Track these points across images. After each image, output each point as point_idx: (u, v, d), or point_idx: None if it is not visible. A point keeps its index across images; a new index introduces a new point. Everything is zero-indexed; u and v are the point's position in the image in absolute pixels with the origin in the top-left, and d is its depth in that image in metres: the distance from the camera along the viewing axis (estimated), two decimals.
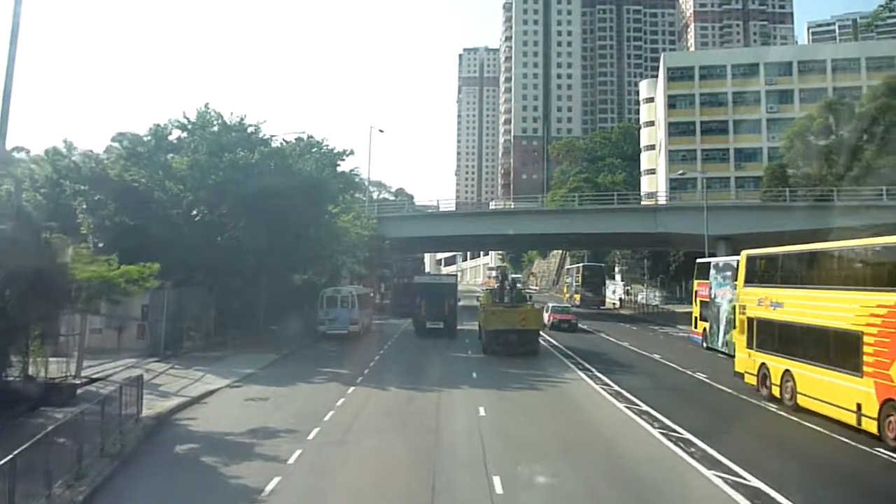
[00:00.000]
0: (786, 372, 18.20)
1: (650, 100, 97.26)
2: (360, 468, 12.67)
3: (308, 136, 36.13)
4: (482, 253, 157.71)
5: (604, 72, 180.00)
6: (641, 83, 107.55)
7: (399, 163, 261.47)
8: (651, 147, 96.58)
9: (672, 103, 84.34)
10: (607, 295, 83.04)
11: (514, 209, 65.51)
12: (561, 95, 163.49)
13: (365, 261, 52.41)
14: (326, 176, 32.94)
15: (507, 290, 32.56)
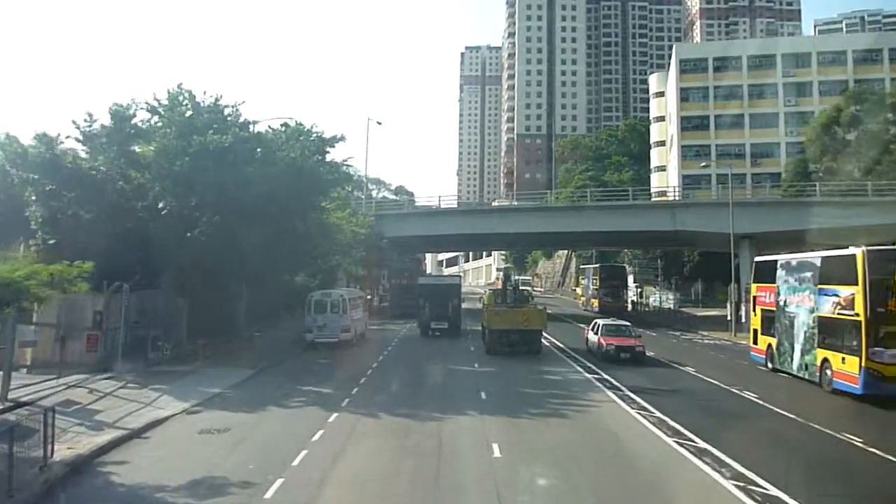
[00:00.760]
0: None
1: (660, 94, 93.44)
2: None
3: (297, 123, 32.28)
4: (485, 254, 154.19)
5: (608, 69, 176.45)
6: (651, 76, 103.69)
7: (400, 162, 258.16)
8: (661, 143, 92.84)
9: (685, 96, 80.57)
10: None
11: (520, 206, 61.44)
12: (565, 93, 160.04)
13: (360, 261, 48.68)
14: (314, 164, 29.08)
15: (511, 291, 32.78)
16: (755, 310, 27.72)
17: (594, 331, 29.86)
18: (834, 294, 21.01)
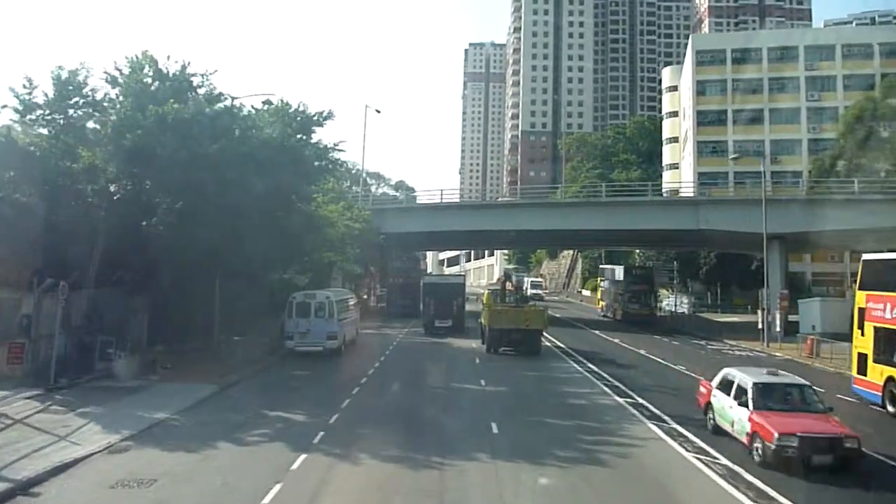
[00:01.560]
0: None
1: (673, 88, 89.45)
2: None
3: (282, 102, 28.12)
4: (487, 253, 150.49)
5: (615, 66, 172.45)
6: (664, 70, 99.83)
7: (402, 161, 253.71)
8: (674, 139, 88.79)
9: (701, 90, 76.41)
10: None
11: (526, 202, 57.02)
12: (571, 89, 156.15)
13: (355, 258, 44.70)
14: (296, 144, 24.95)
15: (512, 292, 33.40)
16: (863, 327, 20.70)
17: (736, 396, 14.65)
18: None
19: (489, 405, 18.12)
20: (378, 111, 55.74)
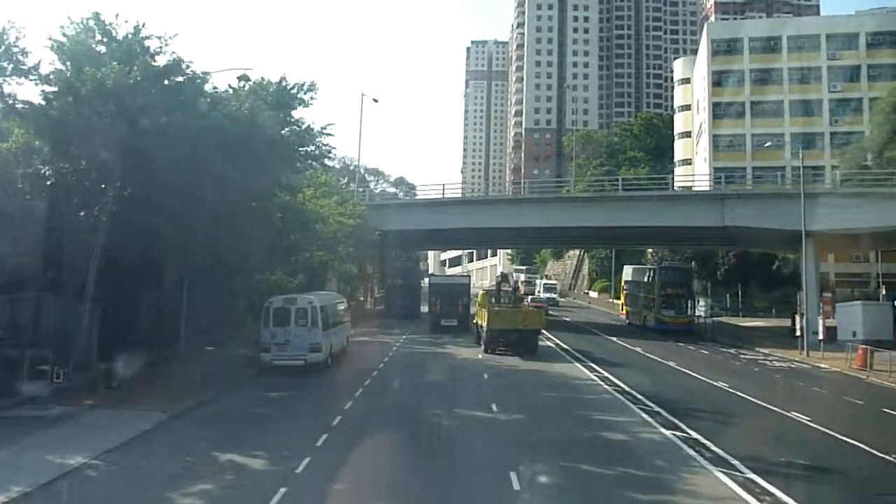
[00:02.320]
0: None
1: (686, 80, 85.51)
2: None
3: (262, 80, 24.22)
4: (490, 254, 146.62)
5: (620, 63, 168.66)
6: (676, 62, 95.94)
7: (402, 160, 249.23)
8: (686, 134, 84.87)
9: (717, 81, 72.36)
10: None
11: (535, 196, 52.89)
12: (577, 86, 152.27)
13: (349, 257, 40.85)
14: (270, 120, 20.99)
15: (507, 292, 33.47)
16: None
17: None
18: None
19: (505, 444, 14.16)
20: (375, 100, 51.25)
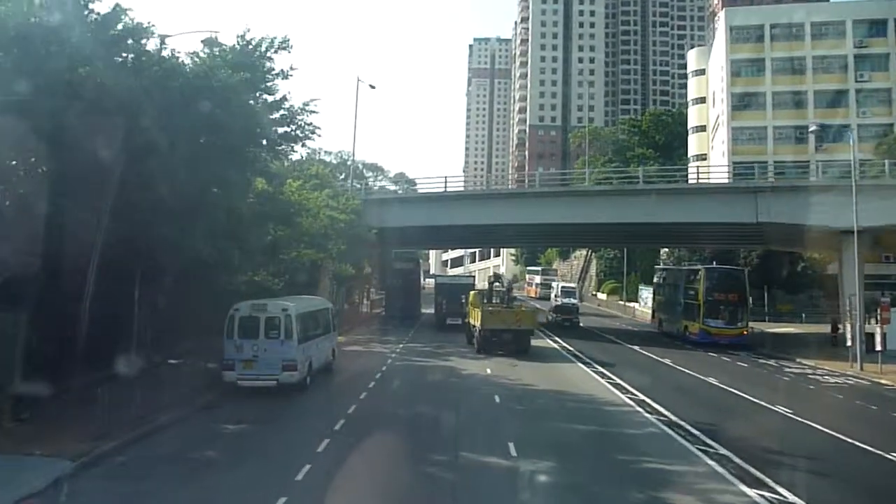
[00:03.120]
0: None
1: (700, 72, 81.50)
2: None
3: (240, 44, 20.05)
4: (492, 254, 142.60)
5: (626, 59, 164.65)
6: (690, 52, 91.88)
7: (403, 159, 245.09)
8: (701, 128, 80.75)
9: (736, 70, 68.26)
10: (650, 305, 66.36)
11: (546, 190, 48.49)
12: (582, 81, 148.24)
13: (340, 255, 36.75)
14: (231, 81, 16.75)
15: (502, 293, 33.37)
16: None
17: None
18: None
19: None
20: (372, 86, 46.97)
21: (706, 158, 77.78)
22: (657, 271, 53.00)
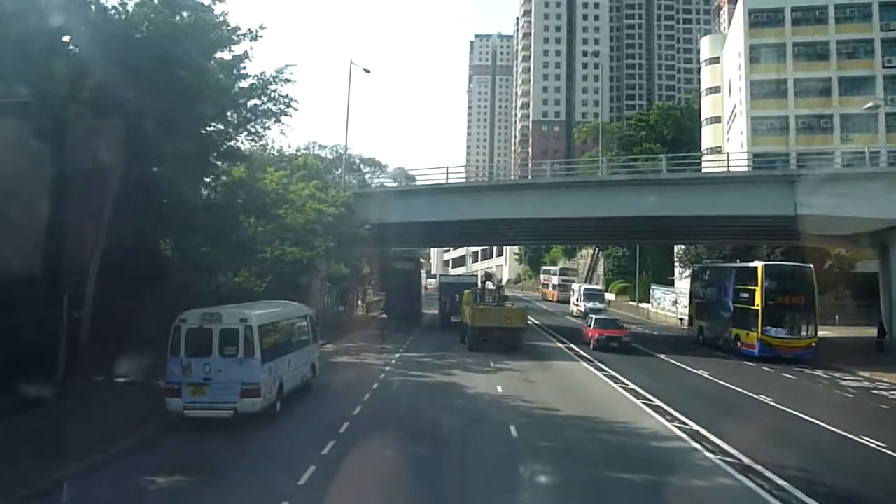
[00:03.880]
0: None
1: (714, 60, 77.49)
2: None
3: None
4: (495, 253, 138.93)
5: (631, 54, 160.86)
6: (703, 40, 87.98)
7: (404, 157, 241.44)
8: (715, 119, 76.77)
9: (755, 56, 64.21)
10: (664, 306, 62.42)
11: (558, 181, 44.14)
12: (587, 76, 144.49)
13: (328, 253, 32.90)
14: (165, 22, 12.77)
15: (492, 291, 33.72)
16: None
17: None
18: None
19: None
20: (367, 70, 42.85)
21: (721, 151, 73.90)
22: (693, 269, 46.65)
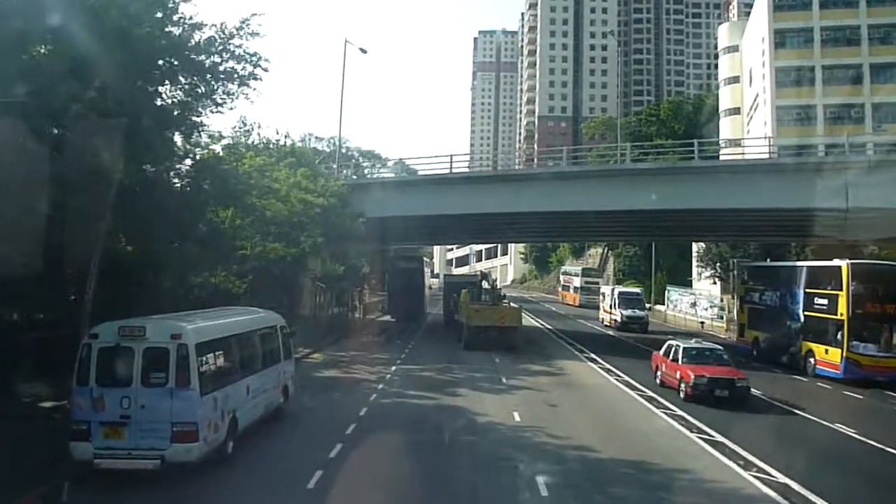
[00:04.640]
0: None
1: (733, 48, 73.43)
2: None
3: None
4: (500, 252, 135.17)
5: (639, 48, 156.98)
6: (720, 28, 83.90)
7: (406, 153, 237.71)
8: (734, 111, 72.68)
9: (780, 42, 60.19)
10: (682, 308, 58.23)
11: (576, 170, 39.94)
12: (594, 70, 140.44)
13: (314, 249, 28.98)
14: None
15: (488, 290, 34.24)
16: None
17: None
18: None
19: None
20: (363, 50, 38.99)
21: (739, 144, 69.94)
22: (743, 269, 40.46)
